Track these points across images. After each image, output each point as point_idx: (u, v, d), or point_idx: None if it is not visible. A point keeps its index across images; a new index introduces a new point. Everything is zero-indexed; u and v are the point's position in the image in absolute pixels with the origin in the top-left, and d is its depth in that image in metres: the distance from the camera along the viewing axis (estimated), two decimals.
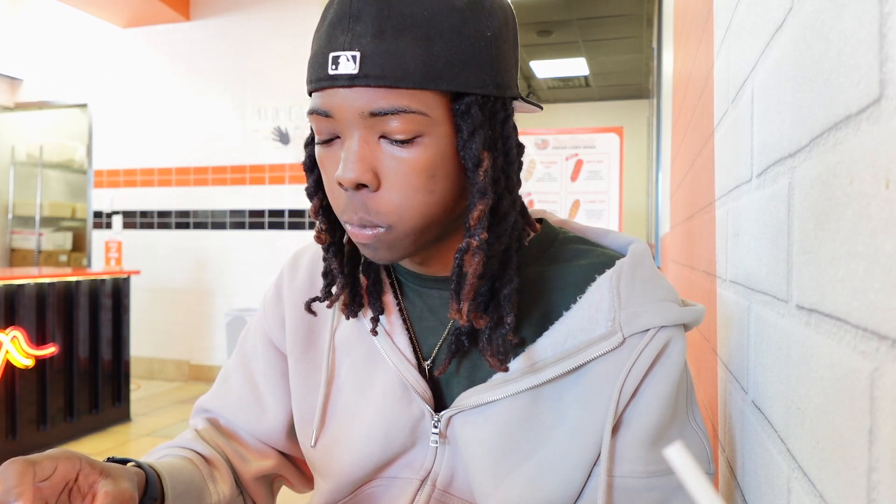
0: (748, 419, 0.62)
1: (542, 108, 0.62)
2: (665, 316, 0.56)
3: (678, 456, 0.34)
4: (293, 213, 4.28)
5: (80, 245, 6.01)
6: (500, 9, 0.54)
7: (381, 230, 0.53)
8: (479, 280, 0.53)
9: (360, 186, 0.52)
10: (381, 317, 0.64)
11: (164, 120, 4.53)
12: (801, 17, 0.46)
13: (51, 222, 5.96)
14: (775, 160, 0.53)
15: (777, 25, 0.53)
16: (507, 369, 0.56)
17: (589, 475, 0.58)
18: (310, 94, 0.56)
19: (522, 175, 0.64)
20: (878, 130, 0.31)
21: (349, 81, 0.50)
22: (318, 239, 0.61)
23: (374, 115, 0.50)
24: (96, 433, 3.23)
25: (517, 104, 0.59)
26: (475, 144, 0.52)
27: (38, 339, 2.92)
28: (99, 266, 4.71)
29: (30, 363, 2.84)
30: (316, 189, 0.61)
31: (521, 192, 0.60)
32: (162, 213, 4.56)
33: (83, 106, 4.76)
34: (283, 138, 4.28)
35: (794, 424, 0.46)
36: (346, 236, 0.63)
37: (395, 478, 0.63)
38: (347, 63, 0.50)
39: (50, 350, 2.96)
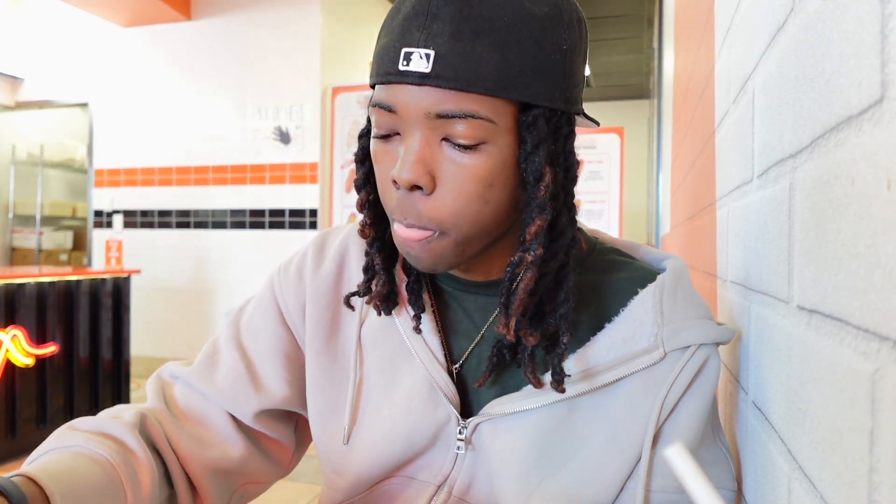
0: (748, 420, 0.62)
1: (598, 125, 0.60)
2: (706, 334, 0.57)
3: (678, 456, 0.34)
4: (294, 212, 4.28)
5: (80, 244, 6.01)
6: (577, 22, 0.53)
7: (432, 234, 0.52)
8: (529, 296, 0.52)
9: (414, 188, 0.51)
10: (409, 314, 0.63)
11: (164, 119, 4.53)
12: (802, 17, 0.46)
13: (51, 221, 5.97)
14: (776, 161, 0.53)
15: (778, 26, 0.53)
16: (563, 390, 0.54)
17: (621, 488, 0.57)
18: (372, 87, 0.55)
19: None
20: (879, 131, 0.31)
21: (419, 80, 0.49)
22: (362, 233, 0.60)
23: (440, 116, 0.49)
24: None
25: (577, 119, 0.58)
26: (538, 158, 0.51)
27: (39, 338, 2.92)
28: (99, 265, 4.71)
29: (30, 362, 2.84)
30: (365, 181, 0.59)
31: None
32: (162, 213, 4.56)
33: (84, 105, 4.76)
34: (284, 138, 4.28)
35: (794, 425, 0.46)
36: (388, 232, 0.61)
37: (412, 478, 0.62)
38: (420, 61, 0.48)
39: (50, 349, 2.96)
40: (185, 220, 4.52)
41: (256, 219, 4.35)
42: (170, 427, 0.64)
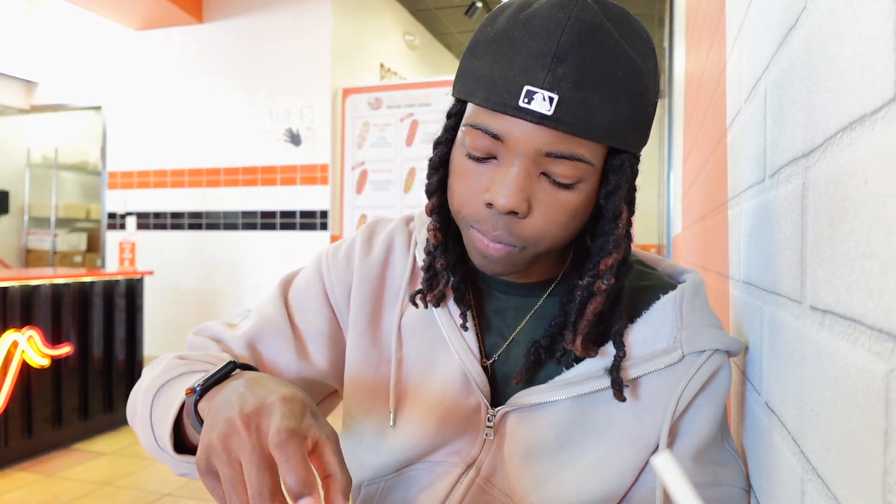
0: (761, 420, 0.62)
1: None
2: (721, 341, 0.61)
3: (665, 465, 0.34)
4: (304, 213, 4.30)
5: (94, 246, 6.08)
6: (659, 74, 0.58)
7: (515, 249, 0.56)
8: (595, 317, 0.58)
9: (510, 212, 0.54)
10: (452, 310, 0.66)
11: (176, 122, 4.56)
12: (814, 16, 0.45)
13: (66, 223, 6.03)
14: (789, 160, 0.52)
15: (790, 25, 0.52)
16: (624, 399, 0.59)
17: (635, 480, 0.61)
18: (457, 99, 0.59)
19: None
20: (893, 130, 0.31)
21: (538, 120, 0.51)
22: (433, 237, 0.63)
23: (548, 155, 0.52)
24: (110, 432, 3.26)
25: None
26: (619, 197, 0.55)
27: (54, 339, 2.95)
28: (113, 267, 4.76)
29: (45, 363, 2.87)
30: (437, 188, 0.62)
31: None
32: (175, 215, 4.60)
33: (97, 108, 4.81)
34: (295, 139, 4.31)
35: (807, 426, 0.45)
36: (450, 233, 0.64)
37: (441, 462, 0.66)
38: (543, 102, 0.50)
39: (65, 350, 2.99)
40: (197, 221, 4.55)
41: (268, 220, 4.37)
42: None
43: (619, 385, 0.59)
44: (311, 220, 4.29)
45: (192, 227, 4.56)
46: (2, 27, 4.76)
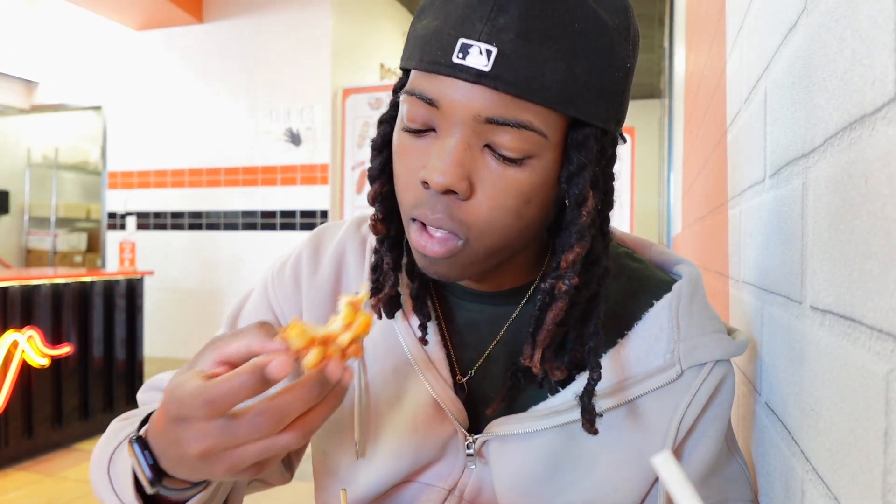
0: (761, 421, 0.62)
1: (625, 142, 0.56)
2: (723, 350, 0.54)
3: (665, 464, 0.34)
4: (304, 213, 4.30)
5: (94, 246, 6.08)
6: (637, 38, 0.50)
7: (457, 242, 0.48)
8: (557, 327, 0.49)
9: (447, 192, 0.46)
10: (412, 323, 0.59)
11: (177, 122, 4.56)
12: (814, 16, 0.45)
13: (66, 223, 6.03)
14: (789, 160, 0.52)
15: (790, 25, 0.52)
16: (596, 432, 0.51)
17: None
18: (404, 70, 0.51)
19: None
20: (893, 130, 0.31)
21: (475, 77, 0.43)
22: (374, 229, 0.55)
23: (490, 121, 0.45)
24: None
25: None
26: (583, 180, 0.47)
27: (54, 339, 2.95)
28: (113, 267, 4.75)
29: (45, 363, 2.87)
30: (380, 172, 0.54)
31: None
32: (175, 214, 4.60)
33: (97, 108, 4.81)
34: (295, 139, 4.31)
35: (808, 426, 0.45)
36: (401, 228, 0.56)
37: (422, 484, 0.60)
38: (479, 56, 0.43)
39: (65, 350, 2.99)
40: (197, 221, 4.55)
41: (268, 220, 4.37)
42: None
43: (590, 415, 0.51)
44: (312, 220, 4.28)
45: (193, 227, 4.56)
46: (2, 27, 4.76)
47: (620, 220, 4.26)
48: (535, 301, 0.49)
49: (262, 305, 0.66)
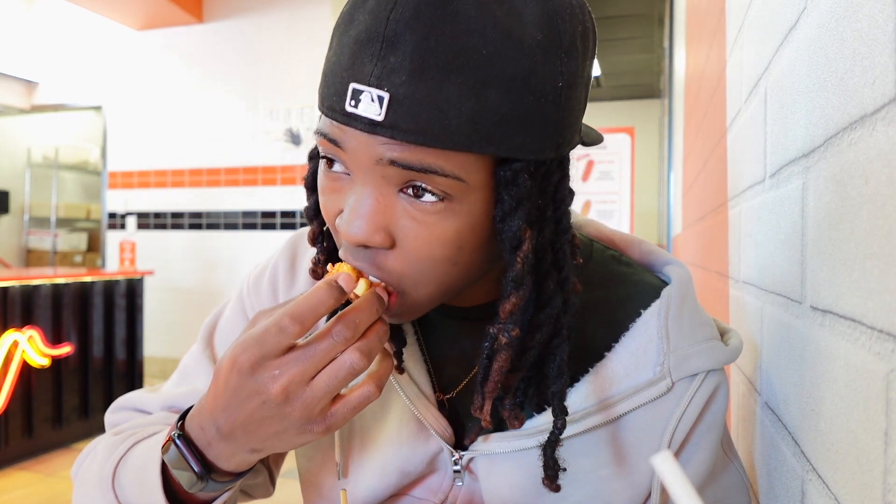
0: (761, 421, 0.62)
1: (602, 140, 0.52)
2: (715, 358, 0.51)
3: (665, 464, 0.34)
4: None
5: (94, 246, 6.08)
6: (581, 39, 0.42)
7: (397, 295, 0.45)
8: (505, 376, 0.45)
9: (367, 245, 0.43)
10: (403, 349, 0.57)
11: (177, 121, 4.56)
12: (815, 16, 0.45)
13: (66, 223, 6.04)
14: (789, 160, 0.52)
15: (791, 25, 0.52)
16: (558, 488, 0.49)
17: None
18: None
19: None
20: (893, 130, 0.31)
21: (369, 128, 0.39)
22: (313, 273, 0.53)
23: (395, 164, 0.40)
24: None
25: None
26: (516, 221, 0.42)
27: (54, 339, 2.95)
28: (113, 266, 4.75)
29: (45, 362, 2.87)
30: (316, 212, 0.51)
31: None
32: (175, 214, 4.60)
33: (98, 108, 4.81)
34: (295, 139, 4.31)
35: (808, 426, 0.45)
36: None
37: (413, 497, 0.59)
38: (371, 105, 0.39)
39: (65, 349, 2.99)
40: (197, 221, 4.55)
41: (268, 220, 4.37)
42: None
43: (552, 470, 0.48)
44: None
45: (193, 226, 4.56)
46: (2, 27, 4.76)
47: (620, 221, 4.26)
48: (483, 349, 0.45)
49: (238, 319, 0.64)
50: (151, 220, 4.66)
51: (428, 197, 0.41)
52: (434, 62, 0.38)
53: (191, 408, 0.50)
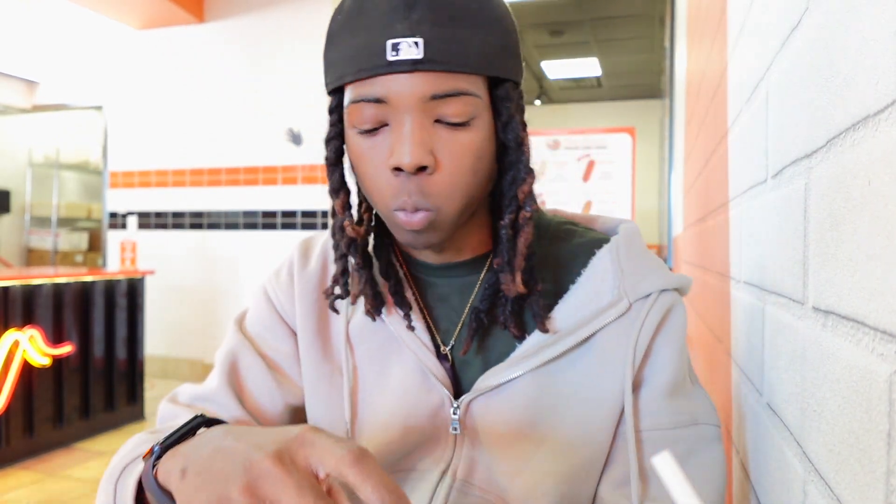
0: (763, 421, 0.62)
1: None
2: (664, 280, 0.60)
3: (665, 465, 0.34)
4: (305, 213, 4.30)
5: (95, 245, 6.08)
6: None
7: (431, 213, 0.55)
8: (529, 249, 0.57)
9: (419, 170, 0.53)
10: (396, 314, 0.64)
11: (178, 121, 4.56)
12: (817, 16, 0.45)
13: (67, 223, 6.04)
14: (791, 161, 0.52)
15: (793, 25, 0.52)
16: (547, 329, 0.59)
17: (613, 436, 0.60)
18: (331, 92, 0.58)
19: None
20: None
21: (412, 66, 0.51)
22: (353, 231, 0.61)
23: (434, 98, 0.52)
24: (111, 431, 3.26)
25: None
26: (515, 124, 0.56)
27: (55, 339, 2.96)
28: (114, 266, 4.76)
29: (47, 362, 2.88)
30: (341, 185, 0.60)
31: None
32: (176, 214, 4.60)
33: (98, 108, 4.82)
34: (296, 139, 4.31)
35: (809, 427, 0.45)
36: (369, 233, 0.64)
37: (414, 470, 0.63)
38: (410, 49, 0.51)
39: (66, 349, 2.99)
40: (198, 221, 4.55)
41: (268, 220, 4.37)
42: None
43: (540, 317, 0.58)
44: (313, 220, 4.29)
45: (194, 226, 4.56)
46: (3, 27, 4.76)
47: None
48: (501, 237, 0.57)
49: (265, 306, 0.72)
50: (152, 220, 4.66)
51: (459, 119, 0.53)
52: (445, 15, 0.52)
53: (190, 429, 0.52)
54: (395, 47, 0.51)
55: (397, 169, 0.53)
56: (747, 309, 0.73)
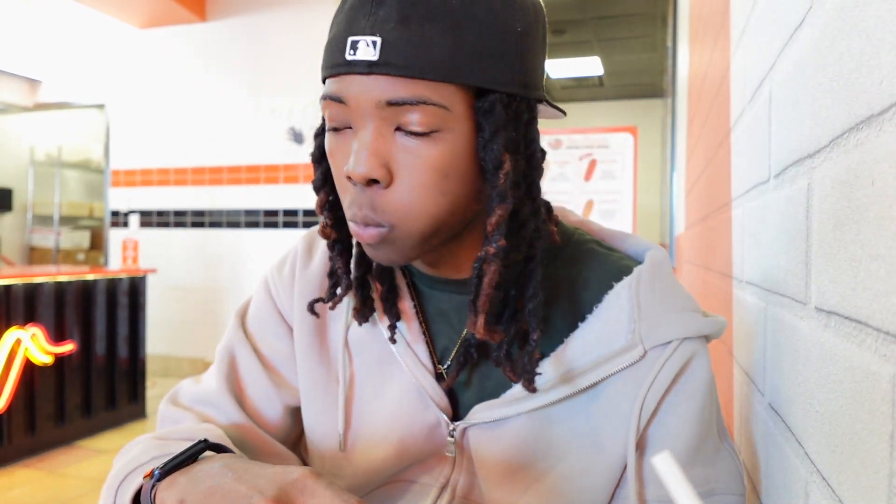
0: (765, 422, 0.62)
1: (565, 114, 0.58)
2: (688, 327, 0.53)
3: (664, 465, 0.34)
4: (307, 212, 4.30)
5: (97, 244, 6.09)
6: (531, 4, 0.52)
7: (384, 230, 0.50)
8: (494, 290, 0.50)
9: (370, 182, 0.49)
10: (399, 322, 0.61)
11: (179, 120, 4.57)
12: (821, 15, 0.45)
13: (69, 221, 6.05)
14: (794, 161, 0.52)
15: (796, 24, 0.52)
16: (535, 389, 0.52)
17: (612, 496, 0.55)
18: (323, 81, 0.54)
19: None
20: None
21: (367, 69, 0.47)
22: (323, 234, 0.58)
23: (391, 104, 0.47)
24: (113, 429, 3.27)
25: (540, 108, 0.55)
26: (496, 145, 0.49)
27: (57, 337, 2.96)
28: (116, 264, 4.76)
29: (48, 360, 2.88)
30: (323, 182, 0.57)
31: None
32: (178, 213, 4.60)
33: (101, 106, 4.82)
34: (298, 138, 4.31)
35: (812, 428, 0.45)
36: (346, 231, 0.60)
37: (414, 482, 0.61)
38: (367, 49, 0.47)
39: (68, 347, 3.00)
40: (200, 219, 4.55)
41: (270, 218, 4.37)
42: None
43: (530, 375, 0.51)
44: (314, 219, 4.29)
45: (195, 225, 4.57)
46: (5, 25, 4.77)
47: (623, 220, 4.25)
48: (474, 269, 0.50)
49: (265, 302, 0.69)
50: (154, 219, 4.66)
51: (419, 129, 0.48)
52: (415, 12, 0.46)
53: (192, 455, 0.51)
54: (354, 46, 0.47)
55: (350, 178, 0.49)
56: (749, 309, 0.73)
